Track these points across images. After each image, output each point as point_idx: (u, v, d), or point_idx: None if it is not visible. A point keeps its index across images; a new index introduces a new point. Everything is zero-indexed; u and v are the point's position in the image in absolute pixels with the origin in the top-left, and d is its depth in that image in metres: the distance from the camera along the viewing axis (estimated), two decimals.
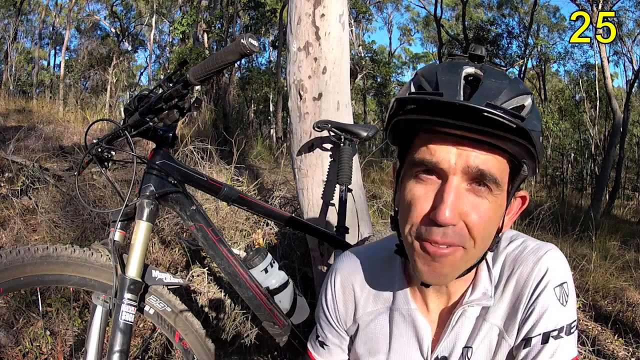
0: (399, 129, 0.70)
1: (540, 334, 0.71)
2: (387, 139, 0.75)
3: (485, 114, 0.59)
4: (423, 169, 0.66)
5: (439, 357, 0.78)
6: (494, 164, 0.65)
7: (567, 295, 0.72)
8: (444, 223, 0.63)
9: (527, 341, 0.72)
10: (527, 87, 0.68)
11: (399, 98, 0.67)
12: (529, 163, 0.68)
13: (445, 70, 0.67)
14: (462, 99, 0.62)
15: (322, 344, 0.92)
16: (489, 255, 0.77)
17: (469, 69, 0.67)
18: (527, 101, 0.65)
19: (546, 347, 0.70)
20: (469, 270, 0.72)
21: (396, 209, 0.74)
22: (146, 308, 1.21)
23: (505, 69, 0.69)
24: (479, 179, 0.65)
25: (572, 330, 0.72)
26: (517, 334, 0.73)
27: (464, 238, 0.66)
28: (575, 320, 0.73)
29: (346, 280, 0.87)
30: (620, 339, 2.36)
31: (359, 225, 1.91)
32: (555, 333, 0.71)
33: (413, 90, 0.68)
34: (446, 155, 0.64)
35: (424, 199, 0.66)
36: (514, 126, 0.60)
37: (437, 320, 0.80)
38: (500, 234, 0.73)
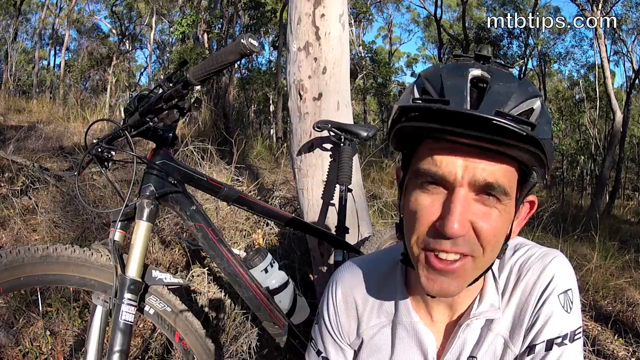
0: (403, 134, 0.67)
1: (544, 341, 0.70)
2: (390, 144, 0.72)
3: (495, 122, 0.57)
4: (429, 180, 0.64)
5: None
6: (502, 173, 0.63)
7: (572, 302, 0.71)
8: (453, 235, 0.62)
9: (530, 348, 0.71)
10: (536, 88, 0.65)
11: (402, 106, 0.64)
12: (538, 170, 0.66)
13: (451, 73, 0.64)
14: (469, 106, 0.59)
15: (325, 359, 0.88)
16: (495, 266, 0.75)
17: (475, 71, 0.64)
18: (537, 104, 0.63)
19: (550, 354, 0.69)
20: (476, 279, 0.70)
21: (401, 216, 0.72)
22: (146, 308, 1.21)
23: (512, 67, 0.67)
24: (486, 189, 0.63)
25: (576, 337, 0.71)
26: (522, 343, 0.72)
27: (474, 246, 0.64)
28: (580, 327, 0.72)
29: (348, 294, 0.85)
30: (620, 339, 2.36)
31: (359, 225, 1.91)
32: (559, 340, 0.69)
33: (417, 95, 0.65)
34: (452, 167, 0.62)
35: (430, 209, 0.64)
36: (524, 134, 0.58)
37: (442, 331, 0.79)
38: (509, 240, 0.71)
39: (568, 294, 0.71)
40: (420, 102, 0.63)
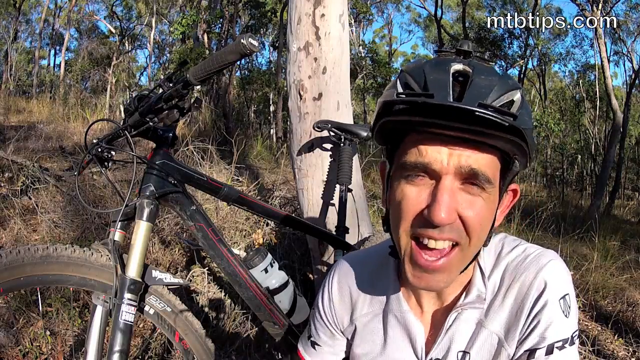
0: (387, 129, 0.69)
1: (544, 347, 0.70)
2: (374, 139, 0.74)
3: (478, 114, 0.59)
4: (415, 171, 0.66)
5: (433, 359, 0.78)
6: (486, 162, 0.65)
7: (570, 307, 0.72)
8: (440, 223, 0.63)
9: (531, 353, 0.71)
10: (516, 81, 0.68)
11: (387, 100, 0.66)
12: (520, 159, 0.67)
13: (433, 67, 0.65)
14: (452, 99, 0.61)
15: (314, 344, 0.92)
16: (488, 261, 0.77)
17: (457, 66, 0.65)
18: (517, 96, 0.65)
19: (550, 358, 0.70)
20: (464, 269, 0.72)
21: (387, 208, 0.74)
22: (146, 308, 1.21)
23: (492, 63, 0.68)
24: (471, 178, 0.64)
25: (574, 340, 0.71)
26: (517, 344, 0.73)
27: (461, 233, 0.66)
28: (576, 330, 0.73)
29: (343, 283, 0.88)
30: (620, 339, 2.36)
31: (359, 225, 1.91)
32: (559, 344, 0.70)
33: (400, 90, 0.66)
34: (438, 155, 0.64)
35: (416, 199, 0.66)
36: (507, 124, 0.60)
37: (431, 321, 0.80)
38: (494, 229, 0.72)
39: (566, 299, 0.72)
40: (404, 96, 0.64)
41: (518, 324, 0.72)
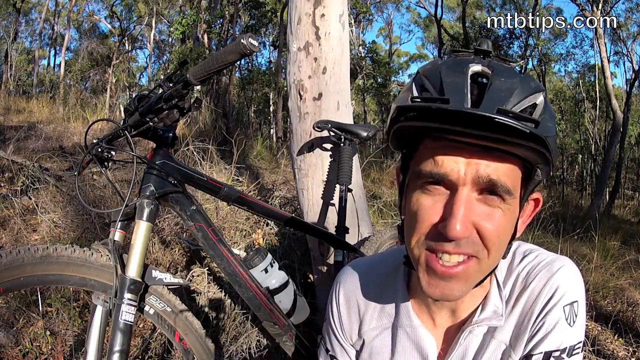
0: (402, 134, 0.66)
1: (542, 353, 0.68)
2: (389, 143, 0.70)
3: (497, 120, 0.55)
4: (430, 180, 0.62)
5: None
6: (506, 171, 0.61)
7: (576, 316, 0.68)
8: (455, 237, 0.60)
9: (527, 358, 0.69)
10: (539, 83, 0.63)
11: (401, 106, 0.62)
12: (543, 167, 0.64)
13: (450, 69, 0.62)
14: (469, 104, 0.57)
15: (333, 358, 0.89)
16: (502, 273, 0.74)
17: (476, 67, 0.62)
18: (539, 99, 0.61)
19: None
20: (481, 281, 0.69)
21: (402, 217, 0.70)
22: (146, 308, 1.21)
23: (514, 62, 0.64)
24: (490, 188, 0.61)
25: (574, 352, 0.68)
26: (523, 351, 0.70)
27: (478, 247, 0.62)
28: (580, 342, 0.69)
29: (350, 295, 0.85)
30: (620, 339, 2.36)
31: (359, 225, 1.92)
32: (557, 354, 0.67)
33: (416, 93, 0.63)
34: (454, 165, 0.60)
35: (432, 210, 0.62)
36: (528, 132, 0.56)
37: (443, 336, 0.77)
38: (515, 240, 0.69)
39: (574, 306, 0.69)
40: (419, 100, 0.61)
41: (525, 331, 0.70)
